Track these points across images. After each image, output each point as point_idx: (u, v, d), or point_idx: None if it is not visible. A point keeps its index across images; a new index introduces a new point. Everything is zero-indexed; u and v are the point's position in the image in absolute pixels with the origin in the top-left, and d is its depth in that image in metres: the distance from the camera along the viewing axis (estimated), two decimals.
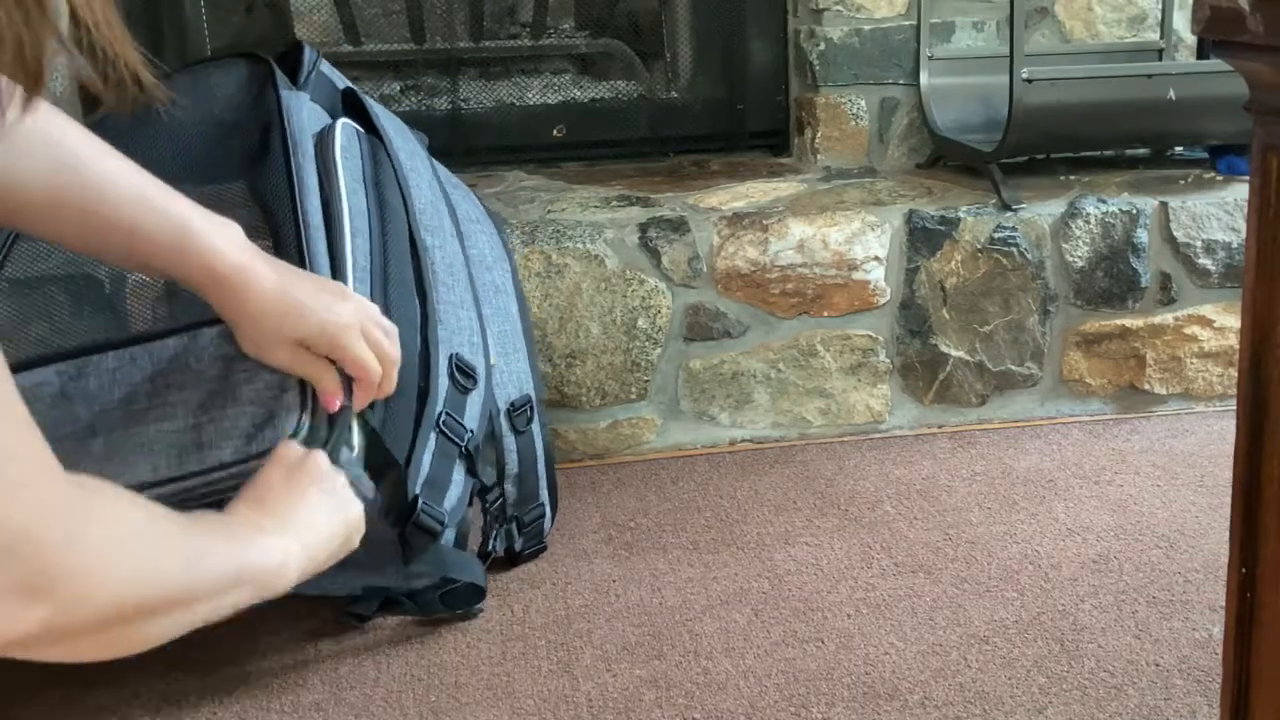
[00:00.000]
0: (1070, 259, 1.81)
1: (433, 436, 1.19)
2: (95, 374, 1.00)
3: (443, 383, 1.20)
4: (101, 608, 0.60)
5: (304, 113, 1.18)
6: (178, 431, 0.97)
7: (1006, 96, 1.79)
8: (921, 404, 1.83)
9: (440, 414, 1.20)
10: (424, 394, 1.17)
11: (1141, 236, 1.82)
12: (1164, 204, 1.83)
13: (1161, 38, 2.12)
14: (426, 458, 1.18)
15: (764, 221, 1.76)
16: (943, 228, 1.78)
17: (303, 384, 1.00)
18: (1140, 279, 1.83)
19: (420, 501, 1.15)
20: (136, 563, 0.62)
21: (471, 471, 1.26)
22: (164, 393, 0.98)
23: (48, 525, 0.55)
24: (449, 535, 1.22)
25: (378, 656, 1.26)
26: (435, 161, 1.42)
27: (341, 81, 1.33)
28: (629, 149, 2.19)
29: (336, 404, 1.01)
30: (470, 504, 1.31)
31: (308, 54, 1.29)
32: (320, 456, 0.94)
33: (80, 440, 0.97)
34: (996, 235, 1.79)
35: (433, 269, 1.23)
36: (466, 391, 1.25)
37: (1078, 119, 1.87)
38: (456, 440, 1.22)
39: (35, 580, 0.55)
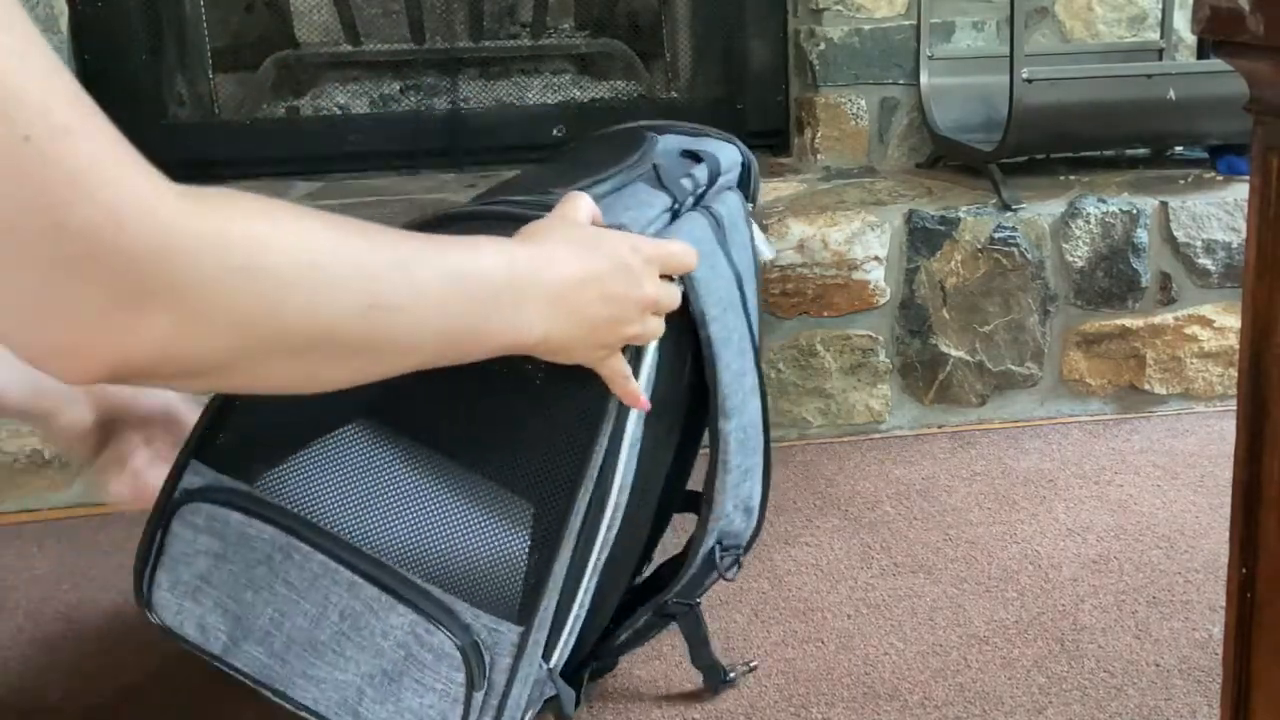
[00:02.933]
0: (1070, 259, 1.81)
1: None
2: (301, 566, 0.89)
3: (687, 576, 1.12)
4: (232, 331, 0.54)
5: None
6: (343, 686, 0.88)
7: (1006, 96, 1.79)
8: (921, 404, 1.83)
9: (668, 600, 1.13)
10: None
11: (1141, 236, 1.82)
12: (1164, 204, 1.83)
13: (1161, 38, 2.12)
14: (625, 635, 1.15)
15: (764, 221, 1.76)
16: (943, 228, 1.78)
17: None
18: (1140, 279, 1.83)
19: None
20: (266, 284, 0.55)
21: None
22: (346, 639, 0.88)
23: (135, 227, 0.50)
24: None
25: None
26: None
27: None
28: None
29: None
30: None
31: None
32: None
33: (269, 630, 0.89)
34: (996, 235, 1.79)
35: (725, 454, 1.04)
36: (710, 575, 1.11)
37: (1078, 119, 1.87)
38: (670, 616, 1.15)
39: (137, 288, 0.50)
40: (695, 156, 1.08)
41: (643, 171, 1.02)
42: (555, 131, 2.14)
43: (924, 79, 2.04)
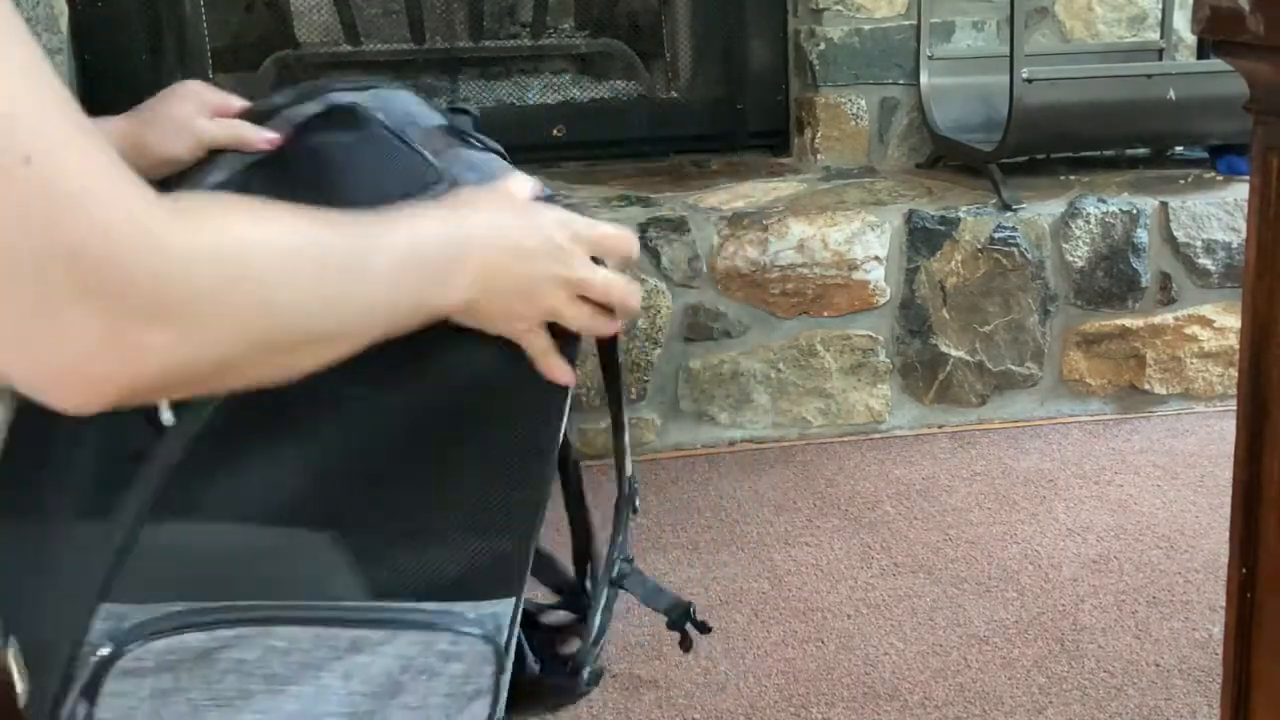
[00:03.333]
0: (1070, 259, 1.81)
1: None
2: (286, 653, 0.82)
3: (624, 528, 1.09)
4: (232, 337, 0.56)
5: None
6: None
7: (1006, 96, 1.79)
8: (921, 404, 1.83)
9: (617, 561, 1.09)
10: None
11: (1141, 236, 1.82)
12: (1164, 204, 1.83)
13: (1161, 38, 2.12)
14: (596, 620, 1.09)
15: (764, 221, 1.76)
16: (943, 228, 1.78)
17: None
18: (1140, 279, 1.83)
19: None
20: (259, 288, 0.58)
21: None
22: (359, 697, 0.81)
23: (132, 248, 0.51)
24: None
25: None
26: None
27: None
28: (629, 149, 2.18)
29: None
30: None
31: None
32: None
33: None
34: (996, 235, 1.79)
35: None
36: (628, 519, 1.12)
37: (1078, 119, 1.87)
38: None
39: (139, 309, 0.51)
40: (452, 126, 0.98)
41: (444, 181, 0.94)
42: (555, 131, 2.14)
43: (924, 79, 2.04)
